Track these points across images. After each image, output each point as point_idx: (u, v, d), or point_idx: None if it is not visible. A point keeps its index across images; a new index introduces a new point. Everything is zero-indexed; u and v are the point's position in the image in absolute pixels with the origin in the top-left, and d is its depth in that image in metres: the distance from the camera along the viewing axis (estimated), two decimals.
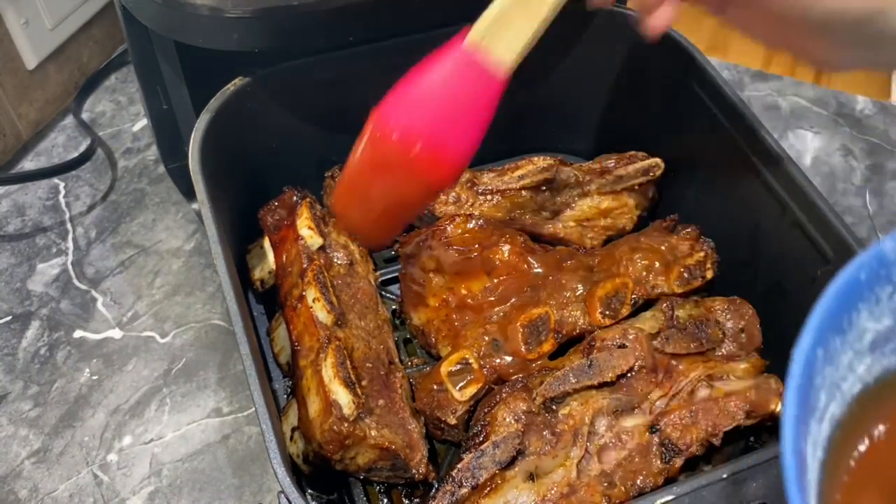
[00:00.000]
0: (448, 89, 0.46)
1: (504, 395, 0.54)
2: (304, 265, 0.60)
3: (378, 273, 0.69)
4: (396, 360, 0.61)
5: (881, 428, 0.35)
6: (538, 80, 0.75)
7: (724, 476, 0.45)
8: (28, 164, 0.84)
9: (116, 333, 0.70)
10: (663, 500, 0.45)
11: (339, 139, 0.70)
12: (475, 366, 0.57)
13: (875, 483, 0.34)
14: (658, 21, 0.48)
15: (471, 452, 0.51)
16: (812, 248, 0.56)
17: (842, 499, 0.33)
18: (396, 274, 0.67)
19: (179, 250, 0.76)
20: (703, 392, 0.55)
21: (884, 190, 0.83)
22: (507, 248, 0.62)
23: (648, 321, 0.59)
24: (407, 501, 0.57)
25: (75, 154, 0.81)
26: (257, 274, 0.65)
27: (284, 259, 0.62)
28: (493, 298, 0.61)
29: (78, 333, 0.70)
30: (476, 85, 0.46)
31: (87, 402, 0.66)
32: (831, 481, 0.33)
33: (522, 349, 0.57)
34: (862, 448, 0.34)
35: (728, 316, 0.59)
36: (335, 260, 0.63)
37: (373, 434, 0.52)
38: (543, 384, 0.54)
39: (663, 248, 0.64)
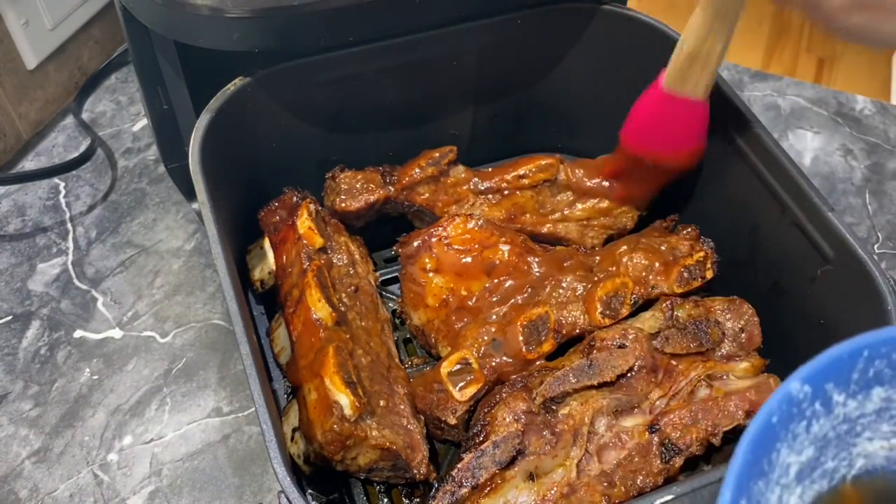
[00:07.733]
0: (664, 117, 0.62)
1: (504, 395, 0.54)
2: (305, 266, 0.60)
3: (378, 273, 0.69)
4: (396, 360, 0.61)
5: None
6: (538, 80, 0.74)
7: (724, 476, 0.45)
8: (28, 164, 0.84)
9: (117, 333, 0.70)
10: (663, 499, 0.45)
11: (339, 139, 0.70)
12: (475, 366, 0.57)
13: None
14: None
15: (471, 452, 0.51)
16: (811, 247, 0.56)
17: None
18: (396, 274, 0.67)
19: (180, 250, 0.76)
20: (702, 392, 0.55)
21: (884, 190, 0.83)
22: (507, 248, 0.62)
23: (648, 321, 0.59)
24: (407, 501, 0.57)
25: (75, 154, 0.81)
26: (257, 274, 0.65)
27: (285, 259, 0.62)
28: (493, 298, 0.61)
29: (78, 333, 0.70)
30: (684, 110, 0.60)
31: (87, 402, 0.66)
32: None
33: (522, 349, 0.57)
34: None
35: (728, 316, 0.59)
36: (335, 260, 0.63)
37: (374, 434, 0.52)
38: (543, 384, 0.54)
39: (663, 248, 0.64)
